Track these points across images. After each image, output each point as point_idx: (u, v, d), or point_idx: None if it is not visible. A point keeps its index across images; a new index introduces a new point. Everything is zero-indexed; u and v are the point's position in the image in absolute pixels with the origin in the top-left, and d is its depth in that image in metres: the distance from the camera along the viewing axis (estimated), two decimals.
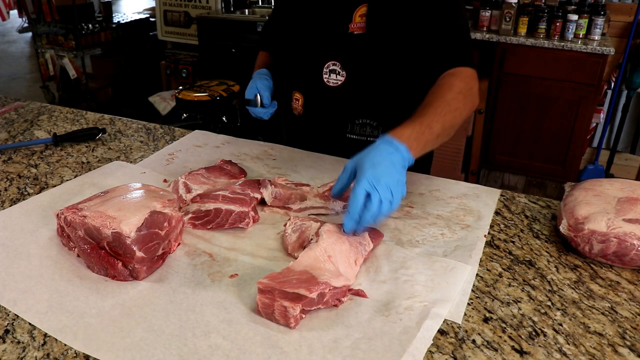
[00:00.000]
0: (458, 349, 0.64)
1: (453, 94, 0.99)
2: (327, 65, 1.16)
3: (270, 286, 0.67)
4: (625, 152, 3.28)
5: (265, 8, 3.78)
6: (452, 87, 1.00)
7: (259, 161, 1.17)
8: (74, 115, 1.48)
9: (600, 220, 0.80)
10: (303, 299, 0.65)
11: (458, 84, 1.01)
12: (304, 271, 0.70)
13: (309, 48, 1.20)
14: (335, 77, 1.16)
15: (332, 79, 1.17)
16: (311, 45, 1.19)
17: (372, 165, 0.80)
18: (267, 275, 0.69)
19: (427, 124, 0.91)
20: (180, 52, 3.93)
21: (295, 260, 0.73)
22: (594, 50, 2.67)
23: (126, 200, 0.79)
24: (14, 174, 1.09)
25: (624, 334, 0.67)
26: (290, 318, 0.65)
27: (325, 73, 1.17)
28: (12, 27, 7.41)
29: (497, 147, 3.07)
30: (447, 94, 0.99)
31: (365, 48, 1.11)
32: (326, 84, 1.18)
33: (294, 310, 0.65)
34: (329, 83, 1.17)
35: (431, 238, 0.87)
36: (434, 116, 0.93)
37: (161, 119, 3.62)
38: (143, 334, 0.64)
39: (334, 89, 1.17)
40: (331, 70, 1.16)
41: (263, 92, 1.18)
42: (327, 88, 1.18)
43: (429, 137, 0.90)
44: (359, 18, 1.10)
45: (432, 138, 0.91)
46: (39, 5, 3.89)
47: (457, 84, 1.01)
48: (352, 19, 1.10)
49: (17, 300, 0.70)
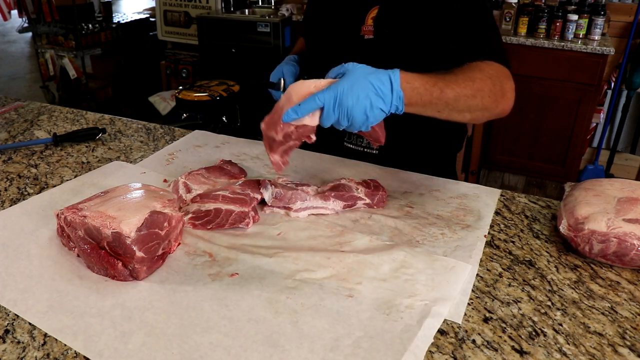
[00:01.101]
0: (458, 349, 0.64)
1: (481, 75, 0.89)
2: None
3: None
4: (625, 152, 3.28)
5: (265, 8, 3.78)
6: (482, 70, 0.90)
7: (259, 161, 1.17)
8: (74, 115, 1.49)
9: (600, 220, 0.80)
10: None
11: (489, 70, 0.90)
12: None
13: (323, 48, 1.17)
14: None
15: None
16: (325, 46, 1.17)
17: (350, 87, 0.76)
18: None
19: (440, 86, 0.83)
20: (180, 52, 3.93)
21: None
22: (594, 50, 2.67)
23: (126, 200, 0.79)
24: (14, 174, 1.09)
25: (624, 334, 0.67)
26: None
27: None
28: (12, 27, 7.41)
29: (497, 147, 3.07)
30: (474, 73, 0.89)
31: (373, 54, 1.07)
32: None
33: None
34: None
35: (431, 238, 0.87)
36: (451, 83, 0.84)
37: (161, 119, 3.62)
38: (145, 339, 0.64)
39: None
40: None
41: (288, 77, 1.16)
42: None
43: (436, 100, 0.83)
44: (371, 21, 1.07)
45: (439, 103, 0.83)
46: (39, 5, 3.89)
47: (487, 69, 0.90)
48: (365, 21, 1.08)
49: (17, 300, 0.70)
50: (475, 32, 0.98)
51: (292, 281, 0.75)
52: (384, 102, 0.78)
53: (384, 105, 0.78)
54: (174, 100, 3.11)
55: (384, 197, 0.97)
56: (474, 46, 0.96)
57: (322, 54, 1.19)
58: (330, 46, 1.16)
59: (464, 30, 0.99)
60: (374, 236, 0.87)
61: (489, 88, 0.88)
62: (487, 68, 0.91)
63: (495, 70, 0.92)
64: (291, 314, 0.68)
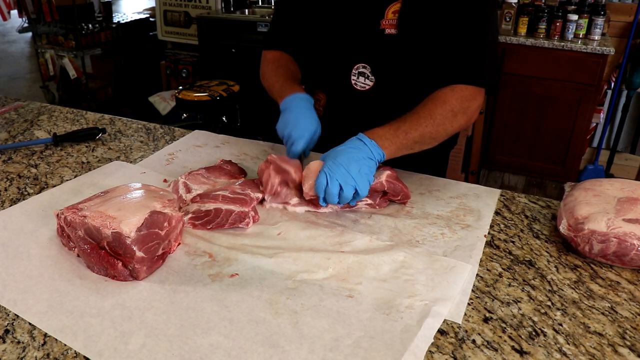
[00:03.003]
0: (458, 349, 0.64)
1: (443, 110, 0.97)
2: (356, 67, 1.12)
3: (272, 159, 0.95)
4: (625, 152, 3.28)
5: (265, 8, 3.78)
6: (445, 102, 0.98)
7: (259, 161, 1.17)
8: (74, 115, 1.49)
9: (600, 220, 0.80)
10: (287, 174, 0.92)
11: (452, 102, 0.98)
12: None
13: (338, 46, 1.13)
14: (364, 81, 1.12)
15: (360, 82, 1.12)
16: (340, 44, 1.13)
17: (334, 156, 0.90)
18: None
19: (403, 130, 0.95)
20: (180, 52, 3.92)
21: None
22: (594, 50, 2.67)
23: (126, 200, 0.79)
24: (14, 174, 1.09)
25: (624, 334, 0.67)
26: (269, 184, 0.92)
27: (353, 75, 1.12)
28: (12, 27, 7.41)
29: (497, 147, 3.07)
30: (436, 108, 0.97)
31: (396, 50, 1.06)
32: (354, 87, 1.13)
33: (275, 178, 0.92)
34: (357, 86, 1.13)
35: (431, 238, 0.87)
36: (414, 124, 0.96)
37: (161, 119, 3.62)
38: (145, 339, 0.64)
39: (361, 93, 1.13)
40: (360, 72, 1.12)
41: (311, 145, 1.05)
42: (354, 92, 1.13)
43: (404, 141, 0.95)
44: (392, 15, 1.05)
45: (407, 143, 0.95)
46: (39, 5, 3.89)
47: (451, 101, 0.98)
48: (385, 14, 1.05)
49: (17, 300, 0.70)
50: (468, 50, 1.01)
51: (292, 282, 0.75)
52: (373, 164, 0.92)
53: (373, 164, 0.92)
54: (174, 100, 3.11)
55: (386, 199, 0.97)
56: (458, 67, 1.01)
57: (333, 51, 1.15)
58: (345, 44, 1.12)
59: (457, 47, 1.01)
60: (374, 236, 0.87)
61: (450, 121, 0.98)
62: (453, 99, 0.98)
63: (459, 95, 0.99)
64: (291, 314, 0.68)
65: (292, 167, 0.95)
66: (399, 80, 1.10)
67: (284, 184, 0.95)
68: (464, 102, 1.00)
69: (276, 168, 0.94)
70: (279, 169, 0.94)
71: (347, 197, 0.89)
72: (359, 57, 1.11)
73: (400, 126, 0.95)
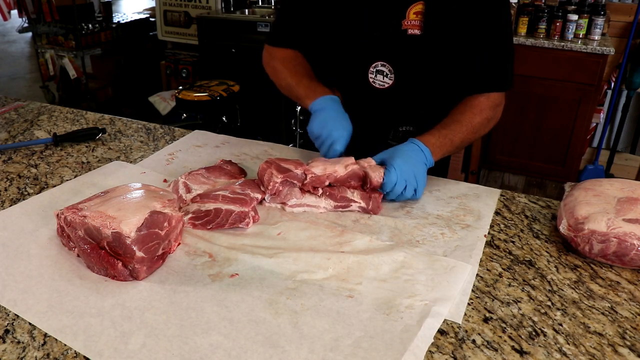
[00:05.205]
0: (458, 349, 0.64)
1: (481, 118, 1.05)
2: (374, 65, 1.11)
3: (272, 160, 0.97)
4: (625, 152, 3.28)
5: (265, 8, 3.78)
6: (482, 111, 1.06)
7: (259, 161, 1.17)
8: (74, 115, 1.49)
9: (600, 220, 0.80)
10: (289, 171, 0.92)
11: (487, 111, 1.06)
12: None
13: (355, 45, 1.12)
14: (382, 79, 1.11)
15: (378, 80, 1.12)
16: (358, 42, 1.11)
17: (405, 160, 0.96)
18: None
19: (450, 137, 1.02)
20: (180, 52, 3.92)
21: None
22: (594, 50, 2.67)
23: (126, 200, 0.79)
24: (14, 174, 1.09)
25: (624, 334, 0.67)
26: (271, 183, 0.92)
27: (371, 73, 1.12)
28: (12, 27, 7.41)
29: (497, 147, 3.07)
30: (475, 117, 1.05)
31: (420, 50, 1.06)
32: (371, 85, 1.13)
33: (277, 177, 0.92)
34: (375, 84, 1.12)
35: (431, 238, 0.87)
36: (458, 133, 1.03)
37: (161, 119, 3.62)
38: (145, 339, 0.64)
39: (379, 92, 1.12)
40: (378, 70, 1.11)
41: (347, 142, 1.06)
42: (372, 90, 1.13)
43: (449, 147, 1.03)
44: (414, 15, 1.04)
45: (451, 149, 1.04)
46: (39, 5, 3.89)
47: (487, 110, 1.06)
48: (406, 15, 1.04)
49: (17, 300, 0.70)
50: (497, 60, 1.06)
51: (292, 282, 0.75)
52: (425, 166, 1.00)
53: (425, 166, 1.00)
54: (174, 100, 3.11)
55: (379, 202, 0.96)
56: (491, 76, 1.07)
57: (348, 49, 1.13)
58: (364, 43, 1.10)
59: (487, 56, 1.06)
60: (374, 236, 0.87)
61: (484, 129, 1.08)
62: (487, 109, 1.06)
63: (492, 103, 1.07)
64: (291, 314, 0.68)
65: (294, 165, 0.95)
66: (420, 80, 1.11)
67: (286, 183, 0.95)
68: (496, 109, 1.08)
69: (277, 167, 0.95)
70: (281, 168, 0.95)
71: (406, 197, 0.96)
72: (377, 55, 1.11)
73: (447, 134, 1.02)
